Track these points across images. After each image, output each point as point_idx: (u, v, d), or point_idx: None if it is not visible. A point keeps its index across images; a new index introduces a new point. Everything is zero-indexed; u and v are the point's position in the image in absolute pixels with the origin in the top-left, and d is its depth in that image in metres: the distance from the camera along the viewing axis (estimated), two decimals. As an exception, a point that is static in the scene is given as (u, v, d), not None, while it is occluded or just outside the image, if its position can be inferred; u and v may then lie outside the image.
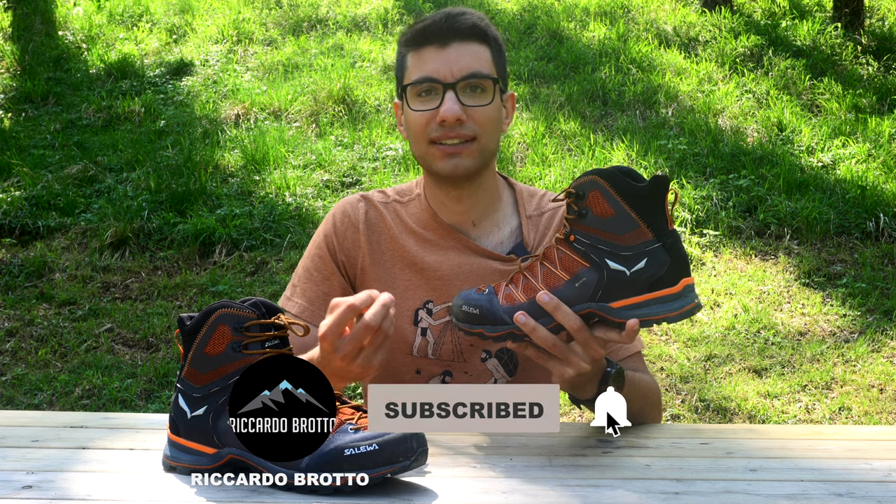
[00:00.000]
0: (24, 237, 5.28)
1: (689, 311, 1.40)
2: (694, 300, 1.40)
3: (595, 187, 1.40)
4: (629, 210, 1.39)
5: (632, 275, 1.39)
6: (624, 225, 1.39)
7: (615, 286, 1.40)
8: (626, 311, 1.40)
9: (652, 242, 1.39)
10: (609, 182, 1.39)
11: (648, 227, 1.39)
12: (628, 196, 1.39)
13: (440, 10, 1.78)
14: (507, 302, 1.45)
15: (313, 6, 8.43)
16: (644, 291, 1.39)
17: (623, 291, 1.39)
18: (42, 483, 1.32)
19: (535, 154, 5.90)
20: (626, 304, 1.40)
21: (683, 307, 1.39)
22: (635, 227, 1.39)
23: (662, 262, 1.39)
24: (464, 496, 1.30)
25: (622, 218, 1.39)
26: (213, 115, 6.63)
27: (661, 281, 1.39)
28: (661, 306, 1.39)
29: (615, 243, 1.39)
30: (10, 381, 4.04)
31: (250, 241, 5.09)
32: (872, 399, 3.92)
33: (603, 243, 1.40)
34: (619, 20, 7.96)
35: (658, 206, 1.39)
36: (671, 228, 1.40)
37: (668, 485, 1.34)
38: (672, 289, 1.39)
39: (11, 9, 8.47)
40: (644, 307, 1.39)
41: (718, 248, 5.12)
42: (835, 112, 6.55)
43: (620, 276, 1.39)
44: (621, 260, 1.39)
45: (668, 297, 1.39)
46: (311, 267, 1.84)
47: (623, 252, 1.39)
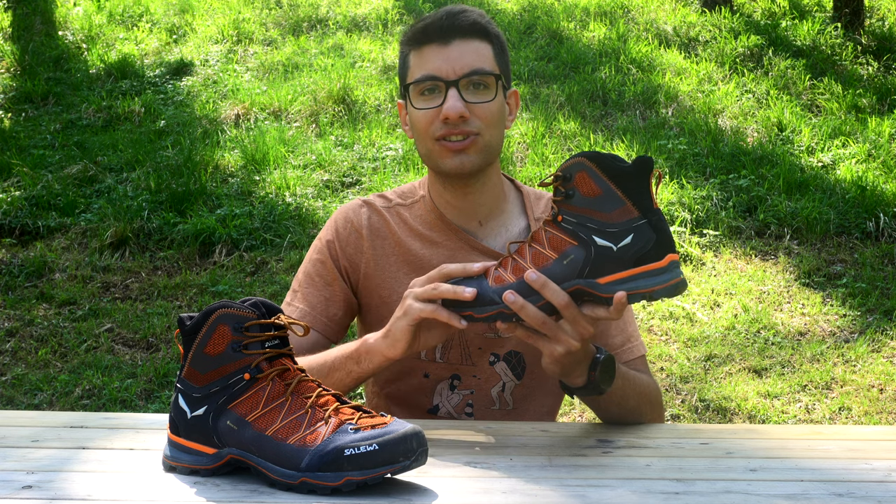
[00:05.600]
0: (24, 237, 5.28)
1: (674, 285, 1.41)
2: (679, 275, 1.42)
3: (582, 168, 1.43)
4: (615, 188, 1.41)
5: (618, 250, 1.41)
6: (610, 203, 1.41)
7: (602, 262, 1.42)
8: (614, 285, 1.41)
9: (638, 219, 1.41)
10: (596, 163, 1.42)
11: (634, 204, 1.41)
12: (614, 176, 1.41)
13: (441, 9, 1.78)
14: (497, 283, 1.47)
15: (313, 6, 8.43)
16: (630, 266, 1.41)
17: (610, 267, 1.41)
18: (42, 483, 1.32)
19: (535, 154, 5.90)
20: (613, 279, 1.41)
21: (669, 280, 1.41)
22: (621, 204, 1.41)
23: (648, 238, 1.41)
24: (464, 496, 1.30)
25: (609, 196, 1.41)
26: (212, 115, 6.63)
27: (647, 256, 1.41)
28: (647, 280, 1.41)
29: (602, 220, 1.41)
30: (10, 381, 4.04)
31: (250, 241, 5.09)
32: (872, 399, 3.92)
33: (590, 221, 1.42)
34: (619, 20, 7.96)
35: (643, 185, 1.41)
36: (656, 207, 1.42)
37: (668, 485, 1.34)
38: (658, 263, 1.41)
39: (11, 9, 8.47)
40: (631, 281, 1.41)
41: (718, 248, 5.12)
42: (835, 112, 6.55)
43: (607, 252, 1.41)
44: (608, 236, 1.41)
45: (655, 272, 1.41)
46: (313, 272, 1.83)
47: (610, 228, 1.41)
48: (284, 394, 1.33)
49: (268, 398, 1.33)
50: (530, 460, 1.45)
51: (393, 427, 1.29)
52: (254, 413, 1.33)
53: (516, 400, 1.82)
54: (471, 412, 1.81)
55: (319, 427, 1.30)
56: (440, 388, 1.81)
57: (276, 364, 1.35)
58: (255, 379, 1.34)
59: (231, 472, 1.35)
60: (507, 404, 1.82)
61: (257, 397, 1.33)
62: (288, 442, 1.29)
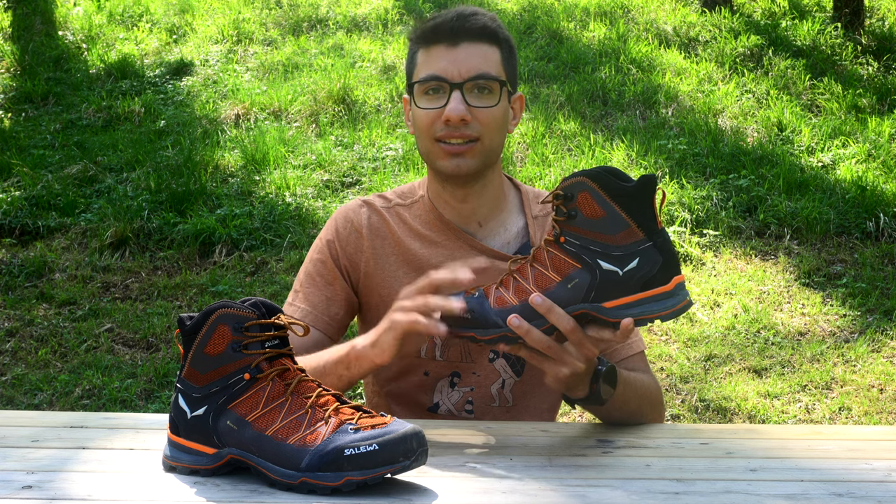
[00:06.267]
0: (24, 237, 5.28)
1: (681, 308, 1.41)
2: (686, 297, 1.41)
3: (584, 189, 1.40)
4: (619, 210, 1.39)
5: (624, 275, 1.39)
6: (614, 225, 1.40)
7: (608, 286, 1.40)
8: (620, 310, 1.40)
9: (643, 241, 1.40)
10: (598, 183, 1.40)
11: (639, 226, 1.40)
12: (617, 196, 1.39)
13: (452, 9, 1.77)
14: (498, 305, 1.45)
15: (313, 6, 8.43)
16: (637, 291, 1.40)
17: (616, 291, 1.40)
18: (42, 483, 1.32)
19: (535, 154, 5.90)
20: (619, 303, 1.40)
21: (676, 305, 1.40)
22: (626, 227, 1.39)
23: (654, 261, 1.39)
24: (464, 496, 1.29)
25: (612, 218, 1.40)
26: (212, 115, 6.63)
27: (654, 280, 1.40)
28: (654, 305, 1.40)
29: (607, 244, 1.40)
30: (10, 381, 4.04)
31: (250, 241, 5.09)
32: (872, 399, 3.92)
33: (594, 244, 1.40)
34: (619, 20, 7.96)
35: (647, 205, 1.40)
36: (660, 227, 1.41)
37: (668, 485, 1.34)
38: (664, 287, 1.40)
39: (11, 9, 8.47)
40: (638, 306, 1.40)
41: (718, 248, 5.11)
42: (835, 112, 6.55)
43: (613, 277, 1.40)
44: (614, 260, 1.39)
45: (662, 296, 1.40)
46: (314, 272, 1.83)
47: (615, 252, 1.40)
48: (284, 394, 1.33)
49: (268, 398, 1.33)
50: (530, 460, 1.45)
51: (393, 427, 1.29)
52: (254, 413, 1.33)
53: (516, 397, 1.83)
54: (471, 409, 1.81)
55: (319, 427, 1.30)
56: (440, 385, 1.81)
57: (276, 364, 1.35)
58: (255, 379, 1.34)
59: (231, 472, 1.35)
60: (507, 401, 1.82)
61: (257, 397, 1.33)
62: (288, 442, 1.29)
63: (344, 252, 1.83)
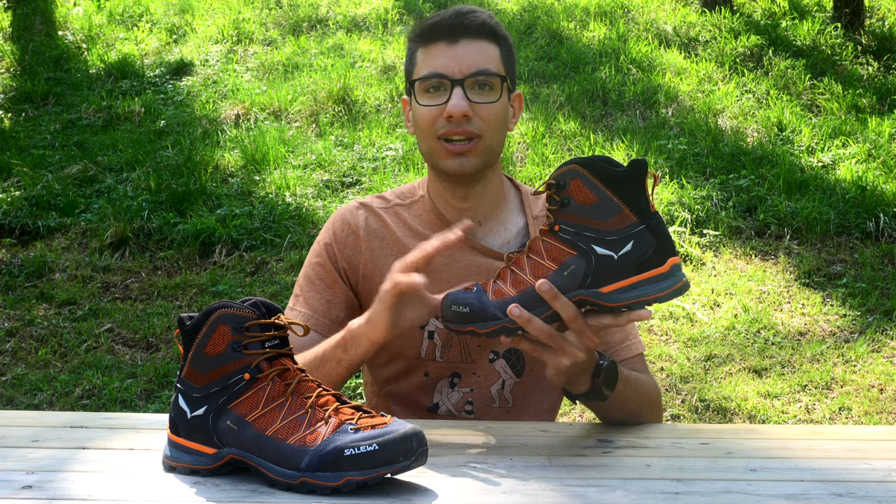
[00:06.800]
0: (24, 237, 5.28)
1: (678, 289, 1.41)
2: (682, 278, 1.42)
3: (576, 176, 1.41)
4: (611, 195, 1.40)
5: (619, 258, 1.40)
6: (607, 210, 1.40)
7: (604, 271, 1.41)
8: (617, 294, 1.41)
9: (636, 225, 1.40)
10: (589, 169, 1.41)
11: (631, 210, 1.40)
12: (609, 182, 1.40)
13: (450, 8, 1.78)
14: (497, 297, 1.46)
15: (313, 6, 8.43)
16: (632, 274, 1.40)
17: (612, 275, 1.41)
18: (42, 483, 1.32)
19: (535, 154, 5.90)
20: (616, 287, 1.41)
21: (673, 286, 1.41)
22: (619, 211, 1.40)
23: (648, 243, 1.40)
24: (464, 496, 1.29)
25: (605, 203, 1.40)
26: (212, 115, 6.63)
27: (649, 262, 1.40)
28: (651, 286, 1.40)
29: (600, 229, 1.40)
30: (10, 381, 4.04)
31: (250, 241, 5.09)
32: (872, 399, 3.92)
33: (588, 230, 1.41)
34: (619, 20, 7.96)
35: (639, 189, 1.40)
36: (653, 210, 1.41)
37: (668, 485, 1.34)
38: (660, 269, 1.40)
39: (11, 9, 8.47)
40: (634, 289, 1.40)
41: (718, 248, 5.11)
42: (835, 112, 6.55)
43: (608, 261, 1.40)
44: (608, 245, 1.40)
45: (658, 277, 1.40)
46: (314, 276, 1.84)
47: (609, 237, 1.40)
48: (284, 394, 1.33)
49: (268, 398, 1.33)
50: (530, 460, 1.45)
51: (393, 427, 1.29)
52: (254, 413, 1.33)
53: (516, 397, 1.83)
54: (471, 410, 1.81)
55: (319, 427, 1.30)
56: (440, 386, 1.81)
57: (276, 364, 1.35)
58: (255, 379, 1.34)
59: (231, 472, 1.35)
60: (506, 402, 1.82)
61: (257, 397, 1.33)
62: (288, 442, 1.29)
63: (342, 254, 1.83)
